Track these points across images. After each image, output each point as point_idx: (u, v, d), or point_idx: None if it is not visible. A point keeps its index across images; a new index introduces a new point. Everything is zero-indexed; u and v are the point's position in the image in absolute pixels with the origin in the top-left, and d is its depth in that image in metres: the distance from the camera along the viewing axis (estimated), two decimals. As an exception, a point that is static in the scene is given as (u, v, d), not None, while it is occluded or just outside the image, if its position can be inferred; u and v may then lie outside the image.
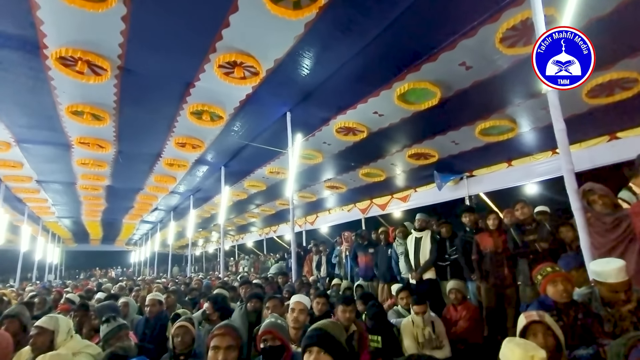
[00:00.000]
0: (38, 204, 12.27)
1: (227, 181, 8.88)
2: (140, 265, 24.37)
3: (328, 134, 6.29)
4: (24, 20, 3.56)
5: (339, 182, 9.48)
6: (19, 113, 5.57)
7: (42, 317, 2.28)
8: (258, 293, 3.62)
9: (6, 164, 7.77)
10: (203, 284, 7.33)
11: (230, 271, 15.67)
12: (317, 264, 8.18)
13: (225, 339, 1.65)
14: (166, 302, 3.95)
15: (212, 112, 5.57)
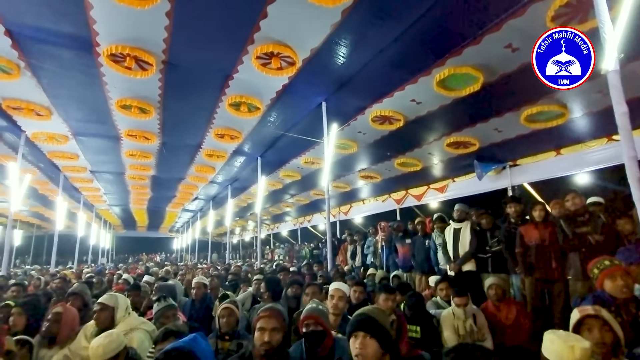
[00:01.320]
0: (92, 193, 13.26)
1: (264, 171, 9.07)
2: (182, 251, 25.72)
3: (363, 123, 6.22)
4: (79, 20, 3.80)
5: (373, 172, 9.39)
6: (75, 108, 6.01)
7: (104, 295, 2.50)
8: (298, 280, 3.71)
9: (64, 155, 8.45)
10: (242, 270, 7.61)
11: (266, 259, 16.12)
12: (351, 254, 8.20)
13: (271, 321, 1.71)
14: (210, 285, 4.18)
15: (249, 103, 5.69)
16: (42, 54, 4.41)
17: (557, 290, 3.98)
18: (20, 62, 4.54)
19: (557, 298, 3.96)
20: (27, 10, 3.68)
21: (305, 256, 15.62)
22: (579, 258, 3.74)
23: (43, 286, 5.88)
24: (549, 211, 4.45)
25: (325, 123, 5.88)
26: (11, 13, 3.71)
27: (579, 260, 3.72)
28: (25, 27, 3.92)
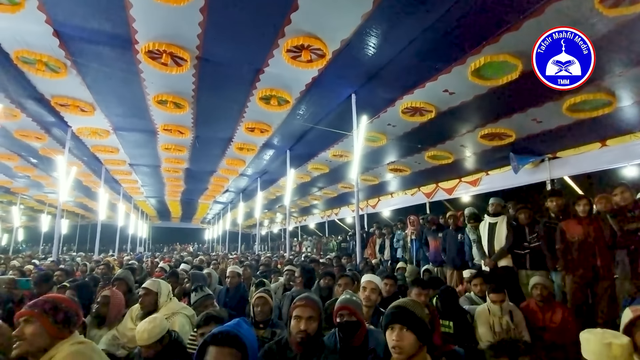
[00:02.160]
0: (130, 185, 13.97)
1: (292, 164, 9.16)
2: (213, 242, 26.60)
3: (393, 115, 6.12)
4: (120, 19, 3.97)
5: (402, 165, 9.24)
6: (116, 104, 6.32)
7: (147, 281, 2.65)
8: (331, 271, 3.75)
9: (106, 149, 8.94)
10: (272, 260, 7.79)
11: (294, 251, 16.36)
12: (380, 247, 8.15)
13: (307, 310, 1.75)
14: (243, 275, 4.32)
15: (279, 96, 5.75)
16: (86, 53, 4.67)
17: (601, 289, 3.76)
18: (67, 61, 4.82)
19: (602, 297, 3.74)
20: (73, 11, 3.90)
21: (333, 249, 15.73)
22: (627, 256, 3.52)
23: (89, 272, 6.29)
24: (594, 206, 4.20)
25: (354, 115, 5.83)
26: (59, 14, 3.94)
27: (628, 259, 3.50)
28: (72, 27, 4.15)
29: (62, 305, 1.59)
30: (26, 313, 1.52)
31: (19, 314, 1.55)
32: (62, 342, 1.50)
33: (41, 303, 1.56)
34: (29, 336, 1.46)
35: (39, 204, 17.35)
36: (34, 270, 5.69)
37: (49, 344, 1.48)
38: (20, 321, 1.51)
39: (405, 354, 1.44)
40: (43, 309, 1.53)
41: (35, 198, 16.18)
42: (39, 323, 1.49)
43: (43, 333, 1.47)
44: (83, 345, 1.52)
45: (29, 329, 1.48)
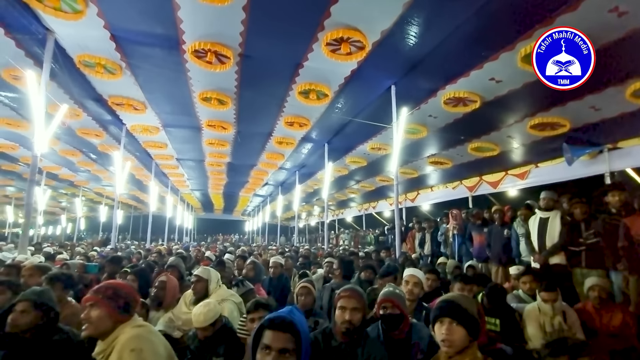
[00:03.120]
0: (177, 178, 14.79)
1: (330, 157, 9.20)
2: (253, 233, 27.48)
3: (435, 106, 5.93)
4: (168, 21, 4.20)
5: (444, 158, 8.95)
6: (165, 102, 6.71)
7: (199, 269, 2.84)
8: (372, 264, 3.76)
9: (156, 144, 9.53)
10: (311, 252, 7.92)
11: (332, 243, 16.47)
12: (420, 242, 7.99)
13: (352, 301, 1.78)
14: (285, 265, 4.46)
15: (318, 90, 5.79)
16: (138, 55, 4.98)
17: (670, 291, 3.44)
18: (122, 63, 5.18)
19: (671, 301, 3.42)
20: (127, 15, 4.17)
21: (370, 242, 15.63)
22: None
23: (143, 259, 6.78)
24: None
25: (394, 107, 5.73)
26: (115, 19, 4.24)
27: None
28: (126, 31, 4.45)
29: (122, 292, 1.73)
30: (91, 298, 1.67)
31: (85, 299, 1.70)
32: (123, 325, 1.65)
33: (103, 289, 1.71)
34: (95, 320, 1.61)
35: (98, 196, 18.91)
36: (97, 256, 6.25)
37: (112, 327, 1.62)
38: (87, 305, 1.67)
39: (455, 348, 1.42)
40: (106, 294, 1.67)
41: (94, 191, 17.65)
42: (102, 308, 1.63)
43: (106, 317, 1.62)
44: (143, 328, 1.66)
45: (95, 313, 1.63)
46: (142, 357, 1.48)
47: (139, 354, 1.48)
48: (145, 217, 18.97)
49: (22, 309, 1.91)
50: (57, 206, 21.29)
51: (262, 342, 1.17)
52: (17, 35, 4.45)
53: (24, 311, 1.90)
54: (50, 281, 2.51)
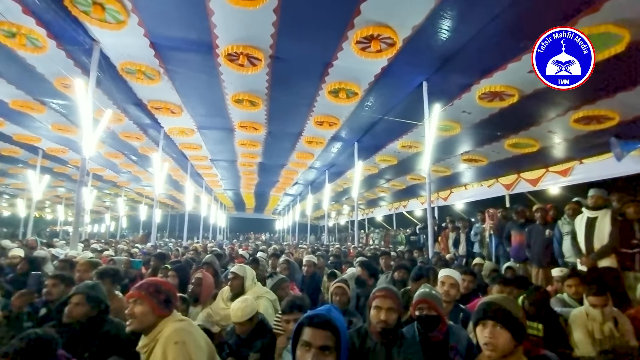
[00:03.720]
0: (211, 179, 15.29)
1: (360, 156, 9.15)
2: (283, 232, 27.88)
3: (469, 101, 5.74)
4: (203, 27, 4.34)
5: (478, 155, 8.64)
6: (199, 104, 6.96)
7: (235, 266, 2.93)
8: (405, 264, 3.71)
9: (191, 146, 9.91)
10: (341, 251, 7.92)
11: (362, 243, 16.36)
12: (454, 242, 7.76)
13: (387, 301, 1.77)
14: (318, 264, 4.50)
15: (348, 89, 5.78)
16: (175, 60, 5.20)
17: None
18: (160, 69, 5.42)
19: None
20: (165, 23, 4.37)
21: (402, 242, 15.37)
22: None
23: (180, 256, 7.08)
24: None
25: (426, 104, 5.60)
26: (154, 27, 4.44)
27: None
28: (164, 38, 4.66)
29: (162, 288, 1.82)
30: (135, 295, 1.77)
31: (128, 295, 1.80)
32: (166, 320, 1.73)
33: (146, 286, 1.80)
34: (139, 315, 1.70)
35: (138, 195, 19.95)
36: (139, 253, 6.60)
37: (154, 322, 1.71)
38: (131, 301, 1.76)
39: (499, 352, 1.37)
40: (148, 291, 1.76)
41: (135, 191, 18.64)
42: (145, 303, 1.72)
43: (149, 312, 1.70)
44: (184, 323, 1.74)
45: (138, 308, 1.72)
46: (185, 349, 1.55)
47: (182, 346, 1.55)
48: (181, 216, 19.77)
49: (77, 301, 2.06)
50: (101, 205, 22.68)
51: (301, 339, 1.19)
52: (67, 47, 4.78)
53: (78, 303, 2.05)
54: (100, 276, 2.69)
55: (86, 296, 2.08)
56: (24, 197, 16.03)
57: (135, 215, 23.89)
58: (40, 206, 20.89)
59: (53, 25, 4.34)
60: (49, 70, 5.49)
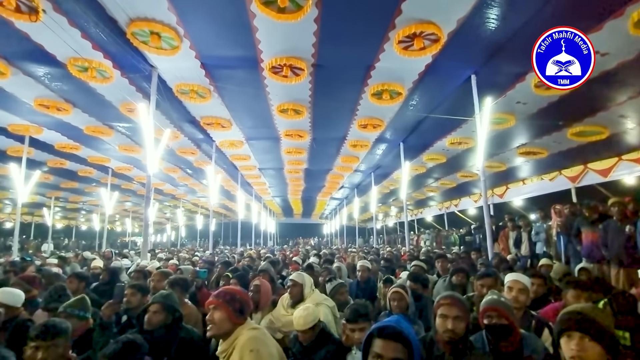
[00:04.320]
0: (260, 187, 15.83)
1: (406, 156, 8.95)
2: (331, 236, 27.99)
3: (524, 91, 5.40)
4: (248, 43, 4.54)
5: (537, 147, 8.06)
6: (247, 117, 7.26)
7: (294, 274, 3.01)
8: (464, 267, 3.55)
9: (240, 157, 10.37)
10: (394, 255, 7.77)
11: (412, 245, 15.92)
12: (515, 241, 7.26)
13: (453, 309, 1.70)
14: (372, 269, 4.46)
15: (391, 90, 5.70)
16: (224, 78, 5.49)
17: None
18: (210, 87, 5.75)
19: None
20: (214, 44, 4.63)
21: (455, 243, 14.71)
22: None
23: (237, 263, 7.39)
24: None
25: (475, 98, 5.34)
26: (204, 49, 4.73)
27: None
28: (213, 58, 4.94)
29: (237, 296, 1.91)
30: (213, 302, 1.87)
31: (207, 303, 1.91)
32: (241, 327, 1.81)
33: (222, 294, 1.90)
34: (217, 321, 1.80)
35: (194, 206, 21.22)
36: (199, 261, 7.01)
37: (231, 328, 1.80)
38: (210, 308, 1.87)
39: None
40: (225, 299, 1.86)
41: (191, 202, 19.86)
42: (222, 310, 1.82)
43: (226, 319, 1.80)
44: (258, 330, 1.82)
45: (217, 315, 1.82)
46: (259, 356, 1.63)
47: (256, 354, 1.63)
48: (234, 223, 20.72)
49: (155, 309, 2.24)
50: (162, 217, 24.45)
51: (372, 350, 1.19)
52: (130, 75, 5.25)
53: (156, 312, 2.23)
54: (171, 285, 2.90)
55: (162, 305, 2.25)
56: (98, 212, 17.78)
57: (193, 224, 25.41)
58: (111, 220, 23.03)
59: (117, 56, 4.80)
60: (115, 97, 6.06)
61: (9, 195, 13.35)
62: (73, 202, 16.71)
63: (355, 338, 2.05)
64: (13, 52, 4.71)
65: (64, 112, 6.55)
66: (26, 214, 17.36)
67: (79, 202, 16.82)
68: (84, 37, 4.32)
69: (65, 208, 18.54)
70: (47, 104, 6.17)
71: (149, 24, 4.08)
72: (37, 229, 19.19)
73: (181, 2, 3.81)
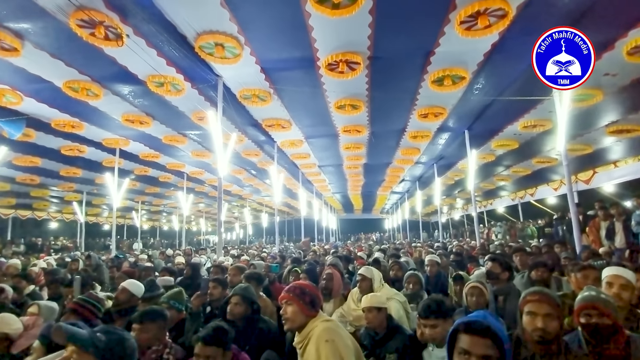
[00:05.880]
0: (320, 184, 16.10)
1: (472, 144, 8.40)
2: (393, 230, 27.44)
3: (613, 60, 4.76)
4: (304, 43, 4.63)
5: (631, 124, 7.04)
6: (305, 116, 7.42)
7: (362, 268, 3.02)
8: (544, 261, 3.24)
9: (300, 156, 10.64)
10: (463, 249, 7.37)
11: (483, 238, 14.93)
12: (607, 232, 6.42)
13: (543, 306, 1.56)
14: (442, 264, 4.30)
15: (453, 75, 5.40)
16: (282, 80, 5.66)
17: None
18: (270, 90, 5.98)
19: None
20: (272, 49, 4.81)
21: (532, 235, 13.47)
22: None
23: (302, 259, 7.63)
24: None
25: (553, 74, 4.81)
26: (263, 54, 4.93)
27: None
28: (272, 61, 5.12)
29: (307, 290, 1.98)
30: (285, 297, 1.96)
31: (281, 298, 2.00)
32: (314, 320, 1.88)
33: (293, 289, 1.99)
34: (291, 315, 1.88)
35: (260, 205, 22.31)
36: (267, 257, 7.37)
37: (305, 321, 1.87)
38: (283, 303, 1.96)
39: None
40: (295, 293, 1.94)
41: (257, 201, 20.91)
42: (295, 304, 1.90)
43: (299, 312, 1.88)
44: (331, 322, 1.87)
45: (290, 309, 1.90)
46: (335, 347, 1.67)
47: (332, 344, 1.67)
48: (297, 221, 21.37)
49: (236, 301, 2.41)
50: (231, 216, 26.11)
51: (458, 346, 1.14)
52: (199, 85, 5.68)
53: (237, 303, 2.41)
54: (247, 279, 3.10)
55: (242, 297, 2.42)
56: (176, 214, 19.58)
57: (258, 222, 26.74)
58: (187, 220, 25.23)
59: (188, 70, 5.22)
60: (187, 108, 6.61)
61: (106, 201, 15.30)
62: (156, 205, 18.63)
63: (427, 334, 2.00)
64: (103, 76, 5.38)
65: (146, 125, 7.32)
66: (119, 217, 19.74)
67: (160, 205, 18.70)
68: (159, 55, 4.77)
69: (150, 211, 20.75)
70: (132, 119, 6.96)
71: (214, 36, 4.37)
72: (128, 230, 21.76)
73: (241, 11, 4.01)
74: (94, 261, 6.09)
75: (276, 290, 3.58)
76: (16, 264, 5.86)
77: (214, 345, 1.77)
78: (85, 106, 6.26)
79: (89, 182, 12.10)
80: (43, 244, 16.89)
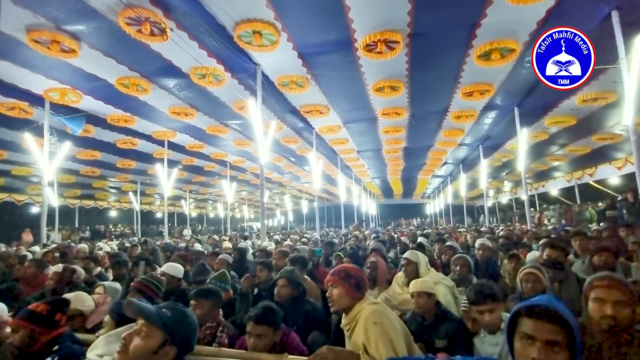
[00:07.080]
0: (359, 169, 15.97)
1: (523, 122, 7.85)
2: (435, 215, 26.67)
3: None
4: (341, 25, 4.53)
5: None
6: (343, 101, 7.33)
7: (407, 252, 2.97)
8: (607, 245, 2.98)
9: (339, 141, 10.59)
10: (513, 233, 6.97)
11: (534, 223, 14.05)
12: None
13: (612, 292, 1.43)
14: (492, 248, 4.12)
15: (501, 47, 5.05)
16: (319, 64, 5.61)
17: None
18: (308, 76, 5.96)
19: None
20: (309, 33, 4.76)
21: (591, 219, 12.45)
22: None
23: (343, 244, 7.66)
24: None
25: (619, 39, 4.34)
26: (300, 39, 4.91)
27: None
28: (308, 46, 5.09)
29: (351, 273, 1.97)
30: (330, 280, 1.98)
31: (326, 281, 2.02)
32: (361, 302, 1.88)
33: (337, 272, 1.99)
34: (336, 297, 1.90)
35: (299, 192, 22.66)
36: (309, 242, 7.49)
37: (351, 303, 1.88)
38: (329, 285, 1.98)
39: None
40: (340, 276, 1.95)
41: (297, 188, 21.24)
42: (340, 287, 1.90)
43: (344, 294, 1.88)
44: (378, 305, 1.86)
45: (335, 292, 1.92)
46: (383, 329, 1.66)
47: (380, 326, 1.67)
48: (336, 207, 21.46)
49: (282, 284, 2.48)
50: (272, 203, 26.81)
51: (520, 330, 1.08)
52: (238, 75, 5.80)
53: (283, 285, 2.48)
54: (292, 263, 3.17)
55: (288, 280, 2.48)
56: (221, 201, 20.47)
57: (299, 209, 27.22)
58: (231, 207, 26.33)
59: (227, 60, 5.34)
60: (228, 98, 6.79)
61: (157, 190, 16.34)
62: (202, 193, 19.60)
63: (486, 320, 1.92)
64: (151, 71, 5.66)
65: (190, 117, 7.64)
66: (170, 205, 21.04)
67: (206, 193, 19.63)
68: (201, 47, 4.92)
69: (197, 199, 21.89)
70: (178, 111, 7.29)
71: (251, 24, 4.41)
72: (178, 217, 23.14)
73: (277, -3, 4.00)
74: (150, 246, 6.56)
75: (320, 274, 3.63)
76: (84, 248, 6.46)
77: (265, 324, 1.84)
78: (136, 101, 6.65)
79: (142, 173, 12.99)
80: (105, 230, 18.51)
